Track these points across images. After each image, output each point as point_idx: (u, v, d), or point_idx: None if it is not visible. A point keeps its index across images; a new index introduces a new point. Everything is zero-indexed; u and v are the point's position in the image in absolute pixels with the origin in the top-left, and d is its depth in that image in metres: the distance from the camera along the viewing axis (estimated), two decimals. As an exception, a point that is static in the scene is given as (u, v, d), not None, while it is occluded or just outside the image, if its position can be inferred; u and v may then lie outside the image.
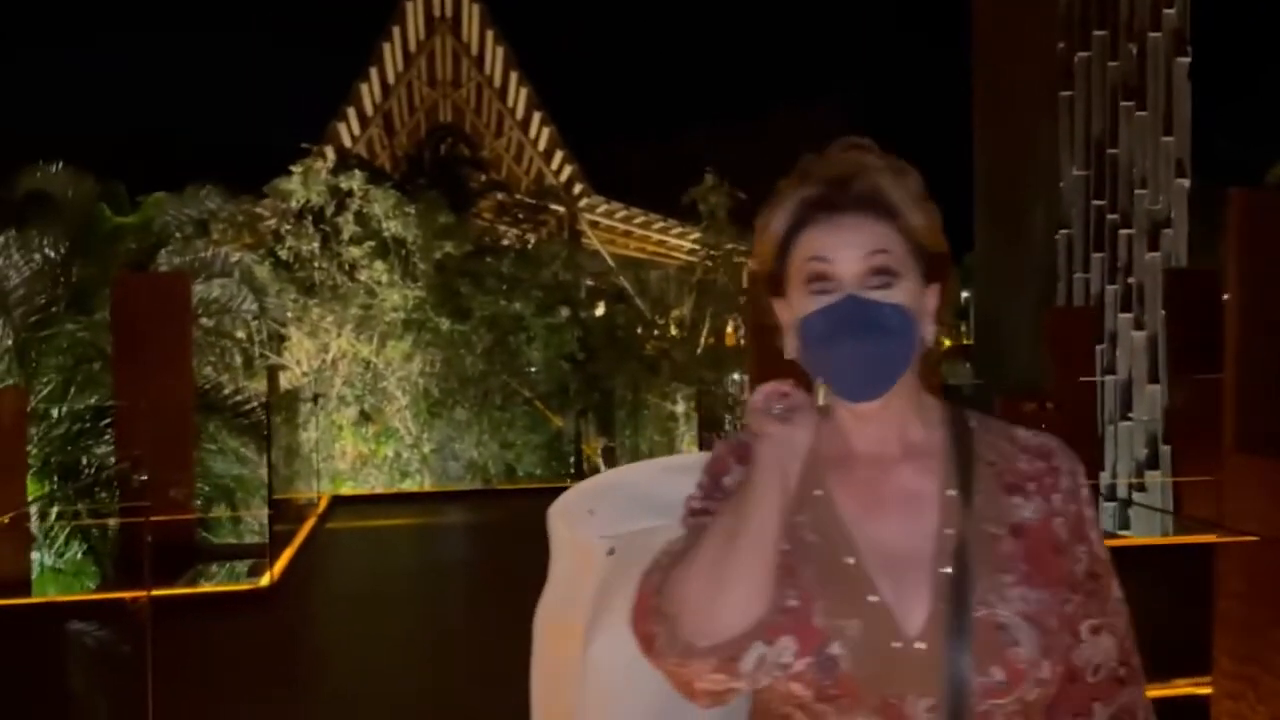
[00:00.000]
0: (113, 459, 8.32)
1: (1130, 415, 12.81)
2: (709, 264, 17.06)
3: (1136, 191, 13.17)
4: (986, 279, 14.43)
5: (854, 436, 1.13)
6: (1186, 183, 13.23)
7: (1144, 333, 12.93)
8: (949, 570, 1.05)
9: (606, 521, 1.25)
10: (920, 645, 1.03)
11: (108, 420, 8.84)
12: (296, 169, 13.96)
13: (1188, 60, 13.28)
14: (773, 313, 1.17)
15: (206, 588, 7.04)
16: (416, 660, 5.71)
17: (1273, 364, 3.39)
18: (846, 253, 1.07)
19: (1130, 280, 13.11)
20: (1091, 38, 13.07)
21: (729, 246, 16.57)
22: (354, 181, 13.88)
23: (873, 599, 1.05)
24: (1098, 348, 11.64)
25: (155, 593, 5.34)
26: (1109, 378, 12.64)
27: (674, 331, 17.33)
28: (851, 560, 1.07)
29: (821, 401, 1.08)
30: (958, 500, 1.09)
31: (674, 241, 24.84)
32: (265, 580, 6.81)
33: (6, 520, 6.26)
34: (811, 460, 1.08)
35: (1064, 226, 13.03)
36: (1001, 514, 1.09)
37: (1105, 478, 12.06)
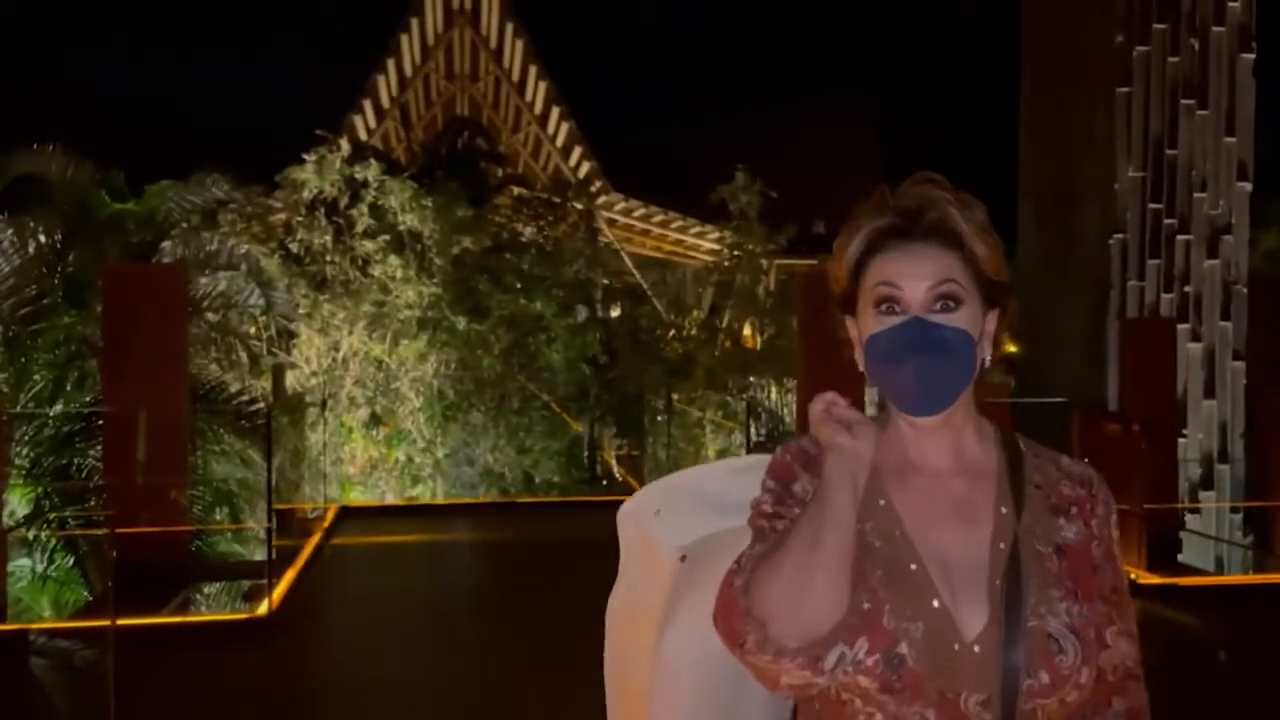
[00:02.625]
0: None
1: (1185, 432, 12.06)
2: (732, 264, 16.43)
3: (1196, 195, 12.44)
4: (1031, 284, 13.70)
5: (911, 448, 1.20)
6: (1248, 186, 12.50)
7: (1200, 345, 12.20)
8: (1001, 582, 1.13)
9: (672, 521, 1.31)
10: (977, 649, 1.11)
11: (100, 421, 8.20)
12: (310, 157, 13.35)
13: (1252, 57, 12.54)
14: (844, 328, 1.23)
15: (196, 616, 6.38)
16: (434, 707, 5.04)
17: None
18: (915, 281, 1.15)
19: (1187, 289, 12.38)
20: (1151, 31, 12.34)
21: (750, 247, 15.94)
22: (370, 171, 13.26)
23: (935, 604, 1.12)
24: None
25: (126, 621, 4.68)
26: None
27: (694, 333, 16.69)
28: (915, 566, 1.14)
29: (876, 413, 1.18)
30: (1010, 517, 1.18)
31: (692, 241, 24.23)
32: (264, 608, 6.13)
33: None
34: (873, 472, 1.14)
35: (1118, 230, 12.31)
36: (1048, 533, 1.18)
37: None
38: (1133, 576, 6.93)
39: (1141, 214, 12.23)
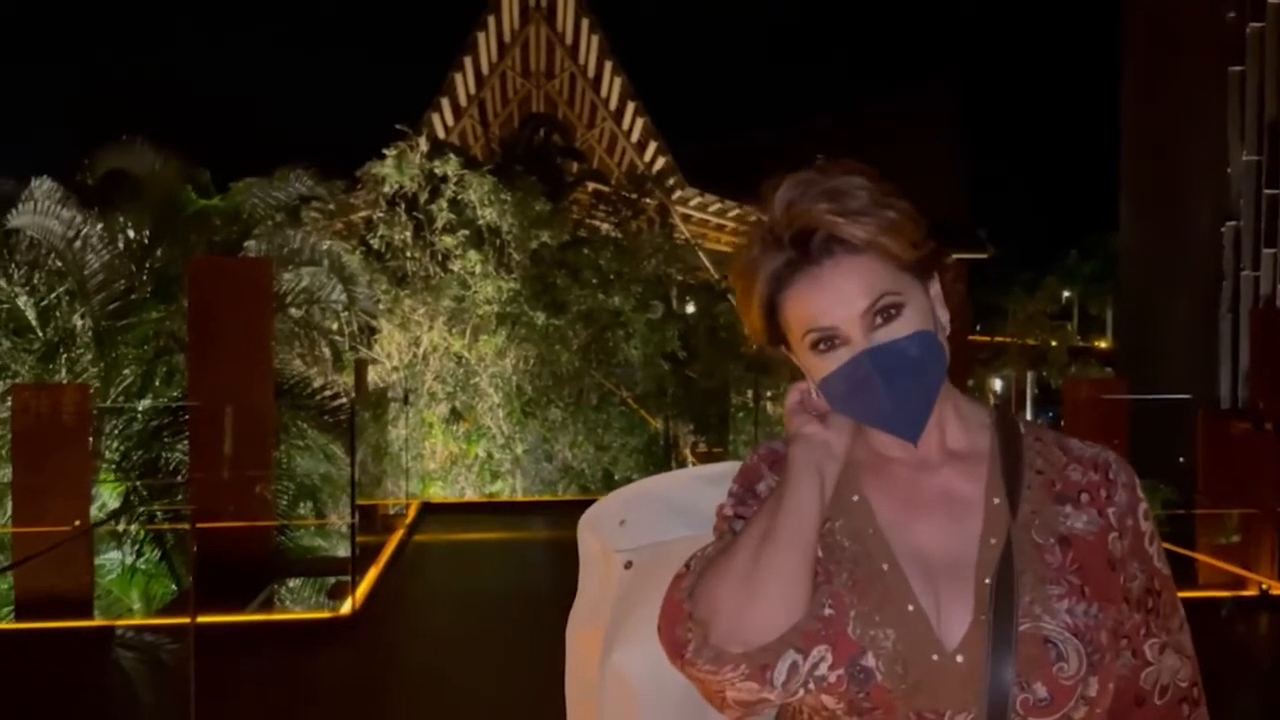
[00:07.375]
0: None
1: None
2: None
3: (1315, 179, 11.71)
4: (1134, 276, 13.06)
5: (891, 442, 1.07)
6: (1374, 170, 11.72)
7: (1321, 339, 11.47)
8: (991, 581, 0.99)
9: (638, 532, 1.21)
10: (960, 658, 0.97)
11: (187, 415, 8.24)
12: (390, 152, 13.39)
13: (1378, 31, 11.75)
14: (788, 358, 1.09)
15: (281, 615, 6.30)
16: (518, 710, 4.85)
17: None
18: (842, 309, 1.01)
19: (1306, 279, 11.66)
20: (1266, 6, 11.65)
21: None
22: (449, 166, 13.24)
23: (910, 608, 0.99)
24: None
25: (210, 619, 4.59)
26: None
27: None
28: (887, 566, 1.02)
29: None
30: (1003, 507, 1.03)
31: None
32: (347, 607, 6.03)
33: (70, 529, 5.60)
34: (848, 465, 1.05)
35: (1231, 218, 11.65)
36: (1050, 524, 1.03)
37: None
38: (1264, 587, 6.47)
39: (1256, 200, 11.55)
